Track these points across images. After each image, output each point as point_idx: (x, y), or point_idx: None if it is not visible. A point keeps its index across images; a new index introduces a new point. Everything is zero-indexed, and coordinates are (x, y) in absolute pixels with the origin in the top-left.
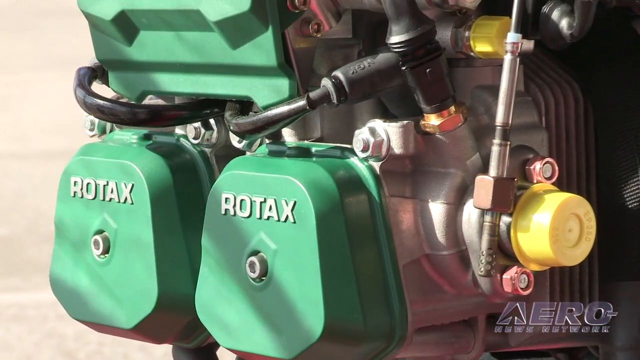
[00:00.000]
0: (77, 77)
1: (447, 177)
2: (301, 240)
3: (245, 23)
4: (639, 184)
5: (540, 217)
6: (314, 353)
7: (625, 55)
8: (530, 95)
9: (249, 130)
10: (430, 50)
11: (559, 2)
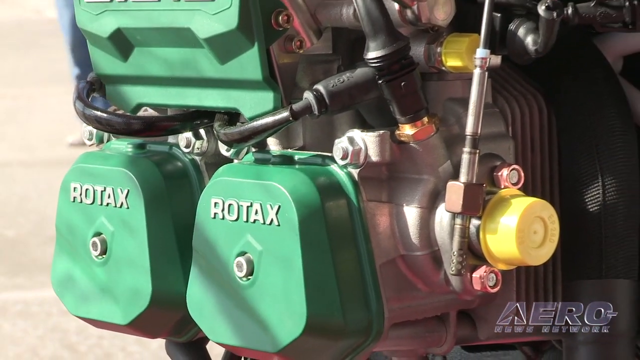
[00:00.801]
0: (77, 90)
1: (420, 183)
2: (285, 242)
3: (233, 40)
4: (599, 189)
5: (507, 220)
6: (297, 347)
7: (586, 70)
8: (497, 106)
9: (236, 140)
10: (405, 65)
11: (524, 20)
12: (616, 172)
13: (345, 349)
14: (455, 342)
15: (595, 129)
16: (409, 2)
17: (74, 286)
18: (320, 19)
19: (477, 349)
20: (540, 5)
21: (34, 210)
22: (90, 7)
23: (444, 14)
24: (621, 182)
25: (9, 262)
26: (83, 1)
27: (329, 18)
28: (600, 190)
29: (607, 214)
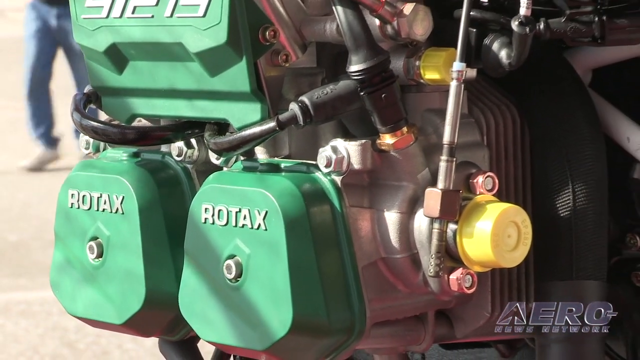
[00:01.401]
0: (74, 102)
1: (400, 190)
2: (272, 246)
3: (222, 54)
4: (570, 195)
5: (482, 224)
6: (283, 345)
7: (557, 82)
8: (473, 117)
9: (225, 149)
10: (385, 78)
11: (498, 35)
12: (586, 179)
13: (329, 347)
14: (433, 341)
15: (566, 138)
16: (389, 18)
17: (71, 287)
18: (305, 34)
19: (454, 347)
20: (514, 20)
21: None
22: (86, 23)
23: (423, 30)
24: (590, 188)
25: (12, 264)
26: (80, 17)
27: (313, 33)
28: (570, 196)
29: (577, 218)
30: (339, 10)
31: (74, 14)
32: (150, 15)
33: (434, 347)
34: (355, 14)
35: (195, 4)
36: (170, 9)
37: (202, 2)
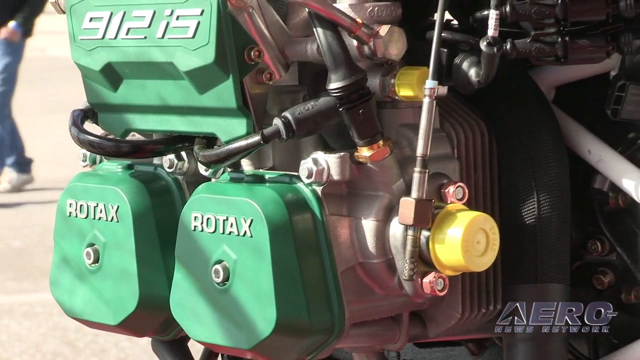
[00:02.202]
0: (72, 117)
1: (376, 199)
2: (257, 251)
3: (210, 73)
4: (534, 204)
5: (453, 231)
6: (268, 344)
7: (523, 99)
8: (444, 131)
9: (213, 161)
10: (363, 95)
11: (468, 55)
12: (549, 189)
13: (311, 346)
14: (407, 340)
15: (531, 151)
16: (366, 39)
17: (70, 290)
18: (287, 54)
19: (427, 346)
20: (482, 41)
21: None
22: (83, 44)
23: (397, 50)
24: (554, 197)
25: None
26: (77, 38)
27: (296, 53)
28: (535, 205)
29: (542, 226)
30: (319, 32)
31: (72, 35)
32: (143, 36)
33: (408, 346)
34: (335, 35)
35: (185, 26)
36: (162, 31)
37: (192, 24)
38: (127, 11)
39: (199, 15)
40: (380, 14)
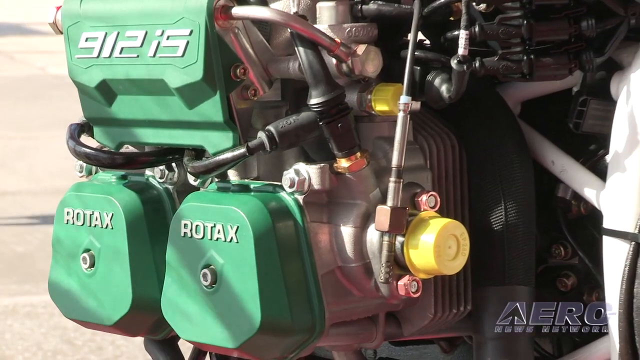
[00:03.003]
0: (69, 131)
1: (354, 207)
2: (243, 256)
3: (199, 89)
4: (502, 211)
5: (426, 237)
6: (253, 343)
7: (491, 113)
8: (418, 143)
9: (202, 172)
10: (341, 109)
11: (439, 72)
12: (516, 197)
13: (293, 345)
14: (383, 339)
15: (498, 161)
16: (344, 58)
17: (67, 293)
18: (271, 71)
19: (402, 344)
20: (453, 59)
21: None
22: (80, 62)
23: (373, 67)
24: (520, 205)
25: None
26: (74, 57)
27: (278, 71)
28: (502, 212)
29: (509, 231)
30: (301, 51)
31: (69, 54)
32: (135, 55)
33: (384, 344)
34: (315, 54)
35: (175, 45)
36: (153, 50)
37: (181, 44)
38: (121, 31)
39: (188, 36)
40: (357, 34)
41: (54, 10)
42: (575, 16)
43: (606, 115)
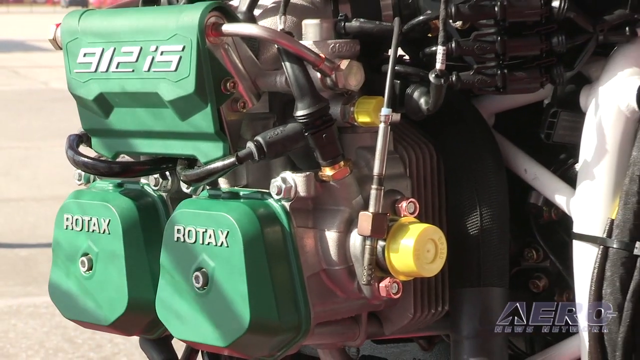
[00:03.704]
0: (68, 141)
1: (338, 213)
2: (233, 259)
3: (191, 102)
4: (477, 217)
5: (406, 241)
6: (243, 342)
7: (467, 124)
8: (398, 153)
9: (194, 180)
10: (326, 121)
11: (418, 86)
12: (490, 204)
13: (281, 343)
14: (366, 337)
15: (474, 170)
16: (328, 72)
17: (67, 294)
18: (259, 85)
19: (383, 342)
20: (431, 74)
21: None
22: (78, 76)
23: (356, 81)
24: (494, 211)
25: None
26: (73, 72)
27: (266, 84)
28: (478, 217)
29: (484, 236)
30: (287, 66)
31: (68, 68)
32: (131, 69)
33: (366, 342)
34: (301, 68)
35: (168, 60)
36: (148, 64)
37: (174, 59)
38: (117, 47)
39: (181, 51)
40: (341, 49)
41: (53, 27)
42: (546, 33)
43: (576, 126)
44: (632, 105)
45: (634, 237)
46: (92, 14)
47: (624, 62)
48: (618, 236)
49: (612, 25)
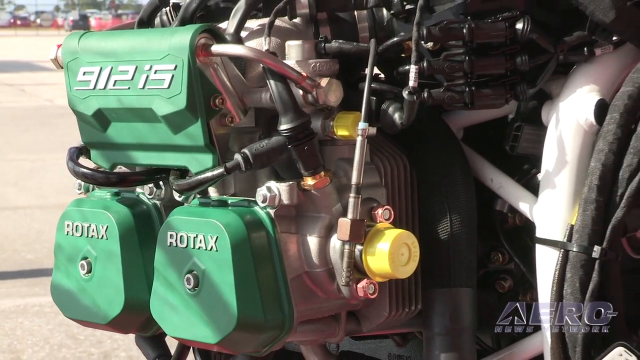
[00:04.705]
0: (69, 154)
1: (319, 219)
2: (221, 263)
3: (182, 117)
4: (447, 222)
5: (382, 245)
6: (231, 339)
7: (437, 137)
8: (374, 164)
9: (185, 189)
10: (307, 134)
11: (393, 102)
12: (459, 211)
13: (266, 340)
14: (345, 334)
15: (444, 179)
16: (309, 89)
17: (67, 295)
18: (246, 101)
19: (361, 338)
20: (404, 91)
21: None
22: (78, 93)
23: (335, 98)
24: (463, 217)
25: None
26: (73, 89)
27: (252, 101)
28: (448, 223)
29: (454, 240)
30: (272, 83)
31: (68, 86)
32: (127, 87)
33: (345, 339)
34: (284, 86)
35: (161, 78)
36: (143, 82)
37: (167, 77)
38: (114, 66)
39: (173, 70)
40: (321, 68)
41: (55, 48)
42: (510, 53)
43: (538, 139)
44: (590, 120)
45: (592, 242)
46: (91, 36)
47: (583, 79)
48: (577, 240)
49: (572, 45)
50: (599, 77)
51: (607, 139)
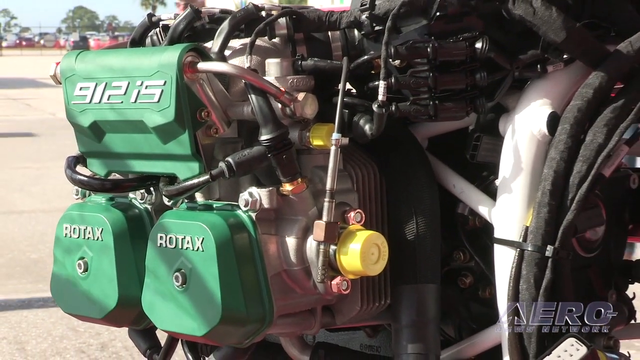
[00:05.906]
0: (67, 162)
1: (296, 222)
2: (207, 262)
3: (171, 128)
4: (413, 224)
5: (354, 245)
6: (216, 331)
7: (404, 147)
8: (347, 171)
9: (174, 194)
10: (285, 144)
11: (364, 114)
12: (424, 214)
13: (248, 333)
14: (320, 327)
15: (410, 185)
16: (287, 103)
17: (66, 292)
18: (229, 114)
19: (336, 330)
20: (374, 104)
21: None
22: (75, 106)
23: (311, 111)
24: (428, 220)
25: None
26: (70, 103)
27: (235, 113)
28: (414, 225)
29: (419, 241)
30: (253, 98)
31: (66, 100)
32: (120, 101)
33: (321, 331)
34: (264, 100)
35: (152, 93)
36: (135, 96)
37: (157, 92)
38: (108, 82)
39: (162, 85)
40: (298, 84)
41: (54, 65)
42: (470, 70)
43: (496, 148)
44: (543, 131)
45: (545, 242)
46: (87, 54)
47: (536, 94)
48: (532, 240)
49: (526, 63)
50: (551, 91)
51: (559, 148)
